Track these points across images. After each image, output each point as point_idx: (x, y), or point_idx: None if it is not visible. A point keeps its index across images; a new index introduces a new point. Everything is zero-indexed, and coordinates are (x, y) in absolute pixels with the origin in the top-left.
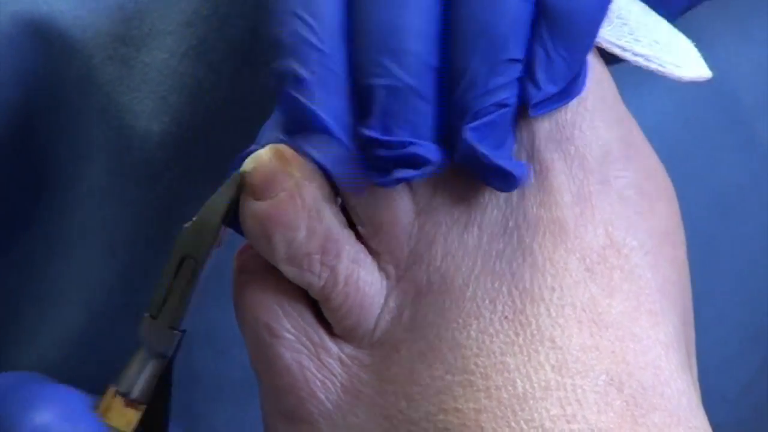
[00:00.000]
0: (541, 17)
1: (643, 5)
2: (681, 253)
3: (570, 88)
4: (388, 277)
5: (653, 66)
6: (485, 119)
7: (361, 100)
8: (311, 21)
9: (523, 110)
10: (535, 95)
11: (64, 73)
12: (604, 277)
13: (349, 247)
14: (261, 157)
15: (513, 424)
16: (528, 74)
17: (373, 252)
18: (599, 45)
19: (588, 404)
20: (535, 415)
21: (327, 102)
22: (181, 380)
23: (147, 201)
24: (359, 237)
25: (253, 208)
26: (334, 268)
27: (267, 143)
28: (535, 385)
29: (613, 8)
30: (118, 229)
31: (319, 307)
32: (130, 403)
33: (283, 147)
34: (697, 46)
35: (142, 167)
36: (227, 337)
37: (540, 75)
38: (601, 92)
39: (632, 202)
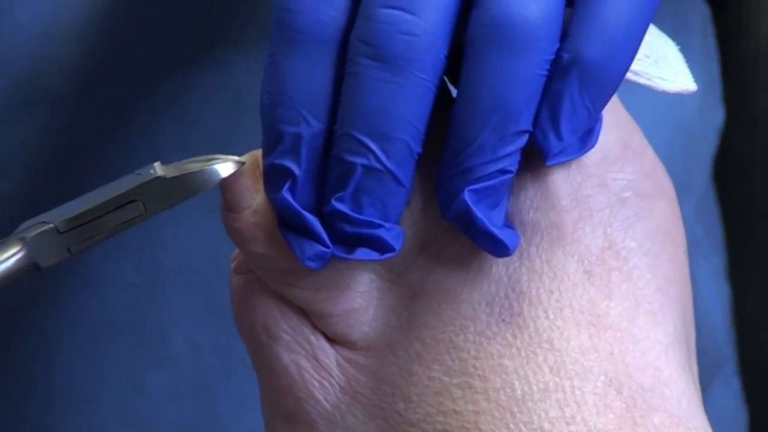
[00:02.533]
0: (573, 69)
1: None
2: (681, 251)
3: (586, 138)
4: (380, 278)
5: (641, 80)
6: (486, 183)
7: (337, 171)
8: (309, 117)
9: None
10: (555, 146)
11: None
12: (602, 279)
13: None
14: (236, 173)
15: (512, 426)
16: (551, 125)
17: None
18: None
19: (587, 406)
20: (534, 417)
21: (310, 196)
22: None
23: (47, 128)
24: None
25: (225, 218)
26: (308, 279)
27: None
28: (534, 387)
29: None
30: (10, 151)
31: None
32: None
33: (259, 159)
34: None
35: (46, 93)
36: None
37: (564, 125)
38: None
39: (631, 203)
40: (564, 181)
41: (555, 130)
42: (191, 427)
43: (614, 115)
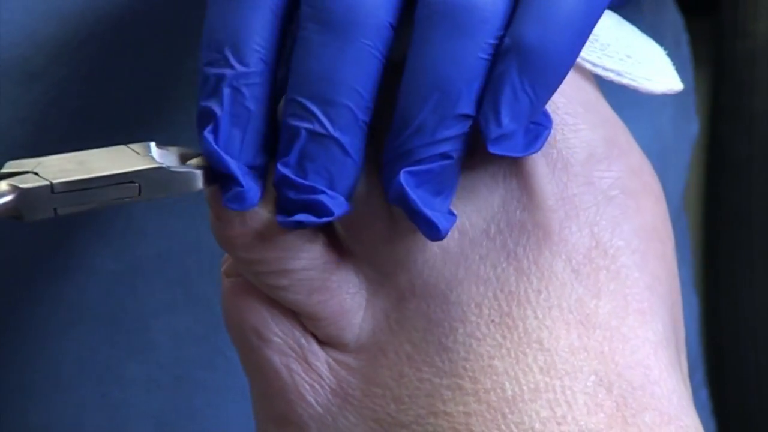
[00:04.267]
0: (512, 53)
1: (617, 17)
2: (669, 248)
3: (532, 141)
4: (369, 280)
5: (625, 80)
6: (424, 167)
7: (284, 136)
8: (234, 62)
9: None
10: (494, 131)
11: None
12: (590, 278)
13: (317, 258)
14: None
15: (503, 427)
16: (491, 109)
17: (351, 256)
18: None
19: (578, 405)
20: (525, 417)
21: (236, 139)
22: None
23: (21, 101)
24: (337, 241)
25: (214, 227)
26: (299, 282)
27: None
28: (524, 387)
29: None
30: None
31: None
32: None
33: None
34: None
35: (21, 65)
36: None
37: (504, 112)
38: (584, 96)
39: (617, 201)
40: (550, 181)
41: (495, 115)
42: (169, 417)
43: (600, 113)
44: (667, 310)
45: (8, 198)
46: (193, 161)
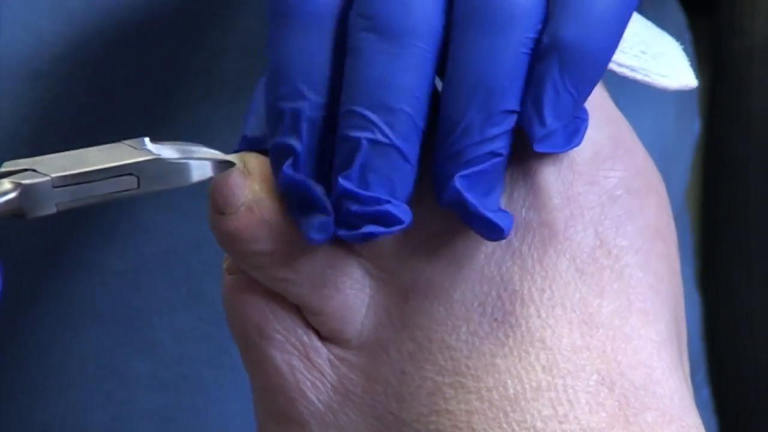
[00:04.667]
0: (552, 52)
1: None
2: (672, 248)
3: (572, 136)
4: (372, 277)
5: (639, 76)
6: (477, 168)
7: (343, 150)
8: (307, 92)
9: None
10: (539, 131)
11: None
12: (594, 277)
13: (323, 253)
14: (223, 175)
15: (505, 425)
16: (535, 109)
17: (356, 252)
18: None
19: (580, 404)
20: (527, 416)
21: (313, 171)
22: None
23: (25, 99)
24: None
25: (216, 222)
26: (305, 275)
27: (251, 134)
28: (527, 386)
29: None
30: None
31: None
32: None
33: (248, 158)
34: None
35: (26, 63)
36: None
37: (547, 111)
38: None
39: (622, 201)
40: (555, 180)
41: (539, 116)
42: (173, 415)
43: (605, 112)
44: (670, 310)
45: (11, 195)
46: (189, 150)
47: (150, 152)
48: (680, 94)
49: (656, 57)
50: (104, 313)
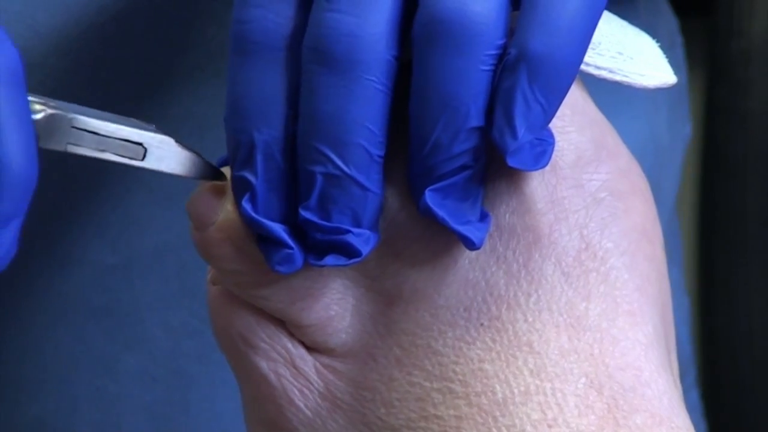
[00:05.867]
0: (521, 64)
1: (606, 13)
2: (658, 249)
3: (539, 156)
4: (355, 284)
5: (618, 77)
6: (447, 182)
7: (303, 182)
8: (261, 126)
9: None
10: (511, 144)
11: None
12: (580, 280)
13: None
14: (199, 191)
15: (494, 430)
16: (506, 121)
17: None
18: None
19: (569, 408)
20: (516, 420)
21: (274, 202)
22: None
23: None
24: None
25: (192, 235)
26: (281, 291)
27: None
28: (515, 390)
29: None
30: None
31: None
32: None
33: (224, 178)
34: None
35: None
36: None
37: (519, 122)
38: (572, 98)
39: (606, 203)
40: (539, 184)
41: (510, 128)
42: (163, 410)
43: (588, 116)
44: (657, 311)
45: (39, 116)
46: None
47: (159, 132)
48: (672, 97)
49: (633, 56)
50: (96, 308)
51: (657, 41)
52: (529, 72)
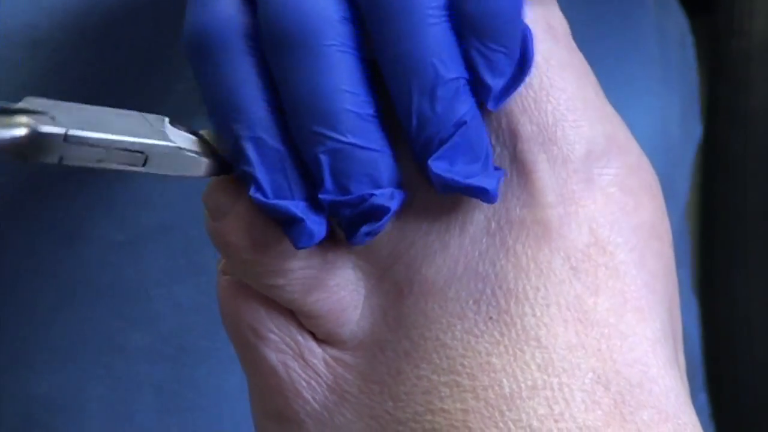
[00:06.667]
0: (465, 27)
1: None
2: (667, 245)
3: (520, 71)
4: (366, 276)
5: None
6: (447, 145)
7: (311, 169)
8: (240, 117)
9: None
10: (487, 95)
11: None
12: (589, 275)
13: (314, 257)
14: (215, 181)
15: (500, 424)
16: (475, 80)
17: (349, 252)
18: None
19: (575, 403)
20: (523, 414)
21: (282, 182)
22: None
23: (27, 66)
24: (335, 238)
25: (208, 225)
26: (295, 281)
27: None
28: (522, 384)
29: None
30: None
31: None
32: None
33: (232, 169)
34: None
35: (25, 31)
36: None
37: (486, 76)
38: (583, 92)
39: (616, 198)
40: (549, 177)
41: (481, 85)
42: (171, 387)
43: (600, 110)
44: (665, 308)
45: (22, 134)
46: (202, 147)
47: (166, 135)
48: (685, 97)
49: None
50: (103, 284)
51: (668, 42)
52: (475, 31)
